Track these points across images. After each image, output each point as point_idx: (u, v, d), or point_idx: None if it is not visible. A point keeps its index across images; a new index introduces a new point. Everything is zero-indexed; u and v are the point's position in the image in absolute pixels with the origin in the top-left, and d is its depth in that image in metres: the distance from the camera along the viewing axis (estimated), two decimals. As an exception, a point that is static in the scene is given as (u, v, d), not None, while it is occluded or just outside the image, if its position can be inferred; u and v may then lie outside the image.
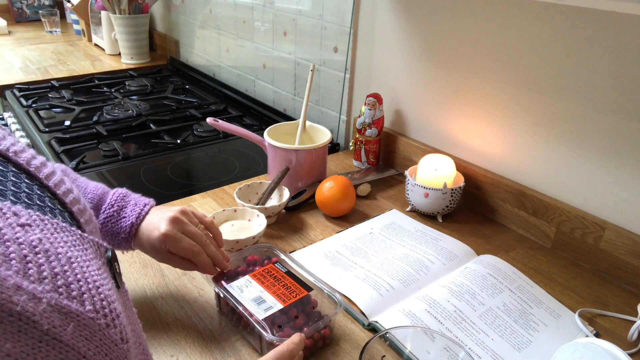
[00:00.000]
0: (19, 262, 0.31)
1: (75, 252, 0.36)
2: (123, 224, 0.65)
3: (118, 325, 0.36)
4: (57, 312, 0.31)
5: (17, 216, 0.34)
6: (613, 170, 0.80)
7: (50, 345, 0.30)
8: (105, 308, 0.35)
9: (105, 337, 0.34)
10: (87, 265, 0.36)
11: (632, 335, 0.69)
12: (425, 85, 1.06)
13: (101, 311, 0.34)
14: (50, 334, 0.30)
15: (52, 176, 0.43)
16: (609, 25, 0.74)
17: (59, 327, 0.31)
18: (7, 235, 0.32)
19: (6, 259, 0.30)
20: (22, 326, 0.29)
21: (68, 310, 0.32)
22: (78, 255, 0.36)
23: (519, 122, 0.91)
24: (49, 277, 0.32)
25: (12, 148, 0.42)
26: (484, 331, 0.68)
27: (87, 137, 1.35)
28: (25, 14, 2.71)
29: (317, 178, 1.02)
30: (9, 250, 0.31)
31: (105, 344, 0.34)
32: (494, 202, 0.97)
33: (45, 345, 0.30)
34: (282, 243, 0.87)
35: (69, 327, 0.31)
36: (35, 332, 0.30)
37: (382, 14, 1.11)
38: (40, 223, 0.35)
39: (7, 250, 0.31)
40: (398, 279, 0.76)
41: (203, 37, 1.88)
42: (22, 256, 0.31)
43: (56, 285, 0.32)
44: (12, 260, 0.31)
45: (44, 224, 0.35)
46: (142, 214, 0.66)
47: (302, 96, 1.43)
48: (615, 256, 0.80)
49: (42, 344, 0.30)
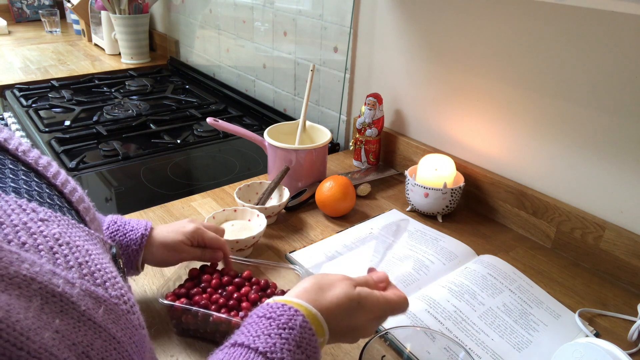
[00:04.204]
0: (47, 253, 0.33)
1: (89, 245, 0.38)
2: (132, 236, 0.66)
3: (136, 312, 0.38)
4: (88, 297, 0.34)
5: (35, 212, 0.36)
6: (613, 170, 0.80)
7: (87, 325, 0.33)
8: (124, 295, 0.37)
9: (128, 322, 0.36)
10: (102, 258, 0.38)
11: (632, 335, 0.69)
12: (425, 85, 1.06)
13: (122, 298, 0.36)
14: (87, 315, 0.33)
15: (58, 175, 0.44)
16: (609, 25, 0.74)
17: (93, 310, 0.33)
18: (32, 229, 0.34)
19: (37, 250, 0.33)
20: (64, 306, 0.31)
21: (97, 295, 0.34)
22: (93, 248, 0.38)
23: (519, 122, 0.91)
24: (75, 266, 0.34)
25: (20, 147, 0.43)
26: (484, 331, 0.68)
27: (87, 137, 1.36)
28: (25, 14, 2.71)
29: (317, 178, 1.02)
30: (37, 242, 0.33)
31: (129, 327, 0.36)
32: (494, 202, 0.97)
33: (83, 325, 0.32)
34: (282, 243, 0.87)
35: (100, 310, 0.34)
36: (75, 313, 0.32)
37: (382, 14, 1.11)
38: (55, 219, 0.37)
39: (35, 242, 0.33)
40: (398, 279, 0.76)
41: (203, 37, 1.88)
42: (49, 247, 0.34)
43: (83, 274, 0.34)
44: (41, 252, 0.33)
45: (59, 220, 0.37)
46: (149, 227, 0.68)
47: (302, 96, 1.43)
48: (615, 256, 0.80)
49: (80, 324, 0.32)
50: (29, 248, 0.32)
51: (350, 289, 0.51)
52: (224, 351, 0.44)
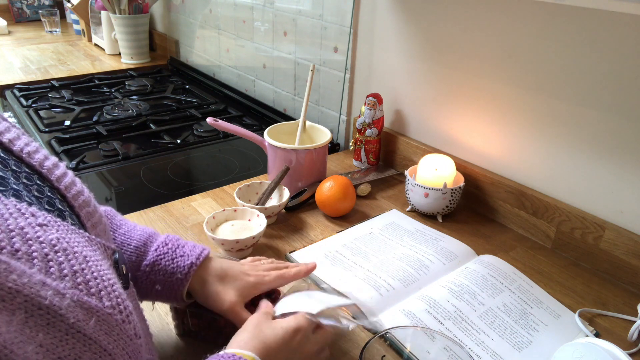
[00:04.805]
0: (41, 261, 0.32)
1: (88, 251, 0.37)
2: (181, 262, 0.59)
3: (132, 322, 0.37)
4: (79, 308, 0.33)
5: (34, 217, 0.35)
6: (613, 170, 0.80)
7: (76, 338, 0.32)
8: (120, 305, 0.36)
9: (122, 332, 0.36)
10: (100, 265, 0.37)
11: (632, 335, 0.69)
12: (425, 85, 1.06)
13: (117, 307, 0.36)
14: (75, 327, 0.32)
15: (63, 178, 0.43)
16: (609, 25, 0.74)
17: (83, 322, 0.32)
18: (29, 234, 0.33)
19: (29, 258, 0.32)
20: (51, 319, 0.31)
21: (89, 305, 0.34)
22: (91, 255, 0.37)
23: (519, 122, 0.91)
24: (69, 274, 0.34)
25: (26, 148, 0.42)
26: (484, 331, 0.68)
27: (87, 137, 1.36)
28: (25, 14, 2.71)
29: (317, 178, 1.02)
30: (32, 249, 0.32)
31: (122, 338, 0.35)
32: (494, 202, 0.97)
33: (71, 338, 0.32)
34: (282, 243, 0.87)
35: (91, 321, 0.33)
36: (62, 326, 0.31)
37: (382, 14, 1.11)
38: (54, 224, 0.36)
39: (29, 249, 0.32)
40: (398, 279, 0.76)
41: (203, 37, 1.88)
42: (44, 255, 0.33)
43: (76, 283, 0.34)
44: (34, 259, 0.32)
45: (58, 225, 0.36)
46: (203, 255, 0.61)
47: (302, 96, 1.43)
48: (615, 256, 0.80)
49: (68, 336, 0.31)
50: (22, 256, 0.32)
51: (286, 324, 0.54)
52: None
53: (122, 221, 0.63)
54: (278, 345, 0.51)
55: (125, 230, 0.61)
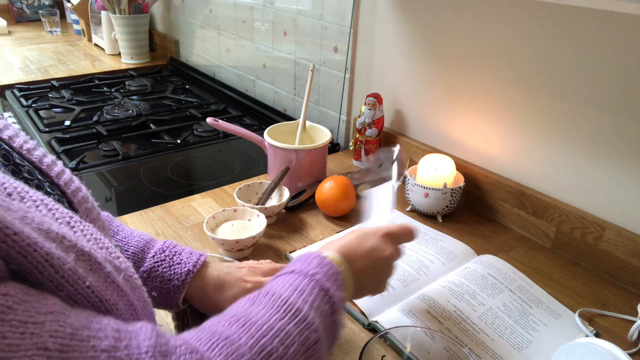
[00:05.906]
0: (66, 226, 0.36)
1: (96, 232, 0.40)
2: (178, 270, 0.59)
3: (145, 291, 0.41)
4: (109, 263, 0.36)
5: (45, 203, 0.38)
6: (613, 170, 0.80)
7: (112, 286, 0.36)
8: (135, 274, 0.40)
9: (141, 294, 0.39)
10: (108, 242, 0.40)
11: (632, 335, 0.69)
12: (426, 85, 1.06)
13: (134, 275, 0.39)
14: (111, 277, 0.36)
15: (62, 175, 0.44)
16: (609, 25, 0.74)
17: (115, 274, 0.36)
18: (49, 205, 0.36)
19: (56, 220, 0.36)
20: (93, 265, 0.35)
21: (115, 265, 0.37)
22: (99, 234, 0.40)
23: (519, 122, 0.91)
24: (93, 240, 0.37)
25: (25, 146, 0.43)
26: (484, 331, 0.68)
27: (87, 137, 1.36)
28: (25, 14, 2.71)
29: (317, 178, 1.02)
30: (56, 216, 0.36)
31: (141, 299, 0.39)
32: (494, 202, 0.97)
33: (109, 284, 0.35)
34: (282, 243, 0.87)
35: (120, 276, 0.37)
36: (102, 273, 0.35)
37: (382, 14, 1.11)
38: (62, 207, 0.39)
39: (54, 216, 0.36)
40: (398, 279, 0.76)
41: (203, 37, 1.88)
42: (67, 222, 0.37)
43: (99, 247, 0.37)
44: (61, 224, 0.36)
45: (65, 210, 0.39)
46: (200, 262, 0.61)
47: (302, 96, 1.43)
48: (615, 256, 0.80)
49: (107, 283, 0.35)
50: (52, 218, 0.35)
51: None
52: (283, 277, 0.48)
53: (120, 227, 0.63)
54: (363, 252, 0.56)
55: (123, 236, 0.62)
